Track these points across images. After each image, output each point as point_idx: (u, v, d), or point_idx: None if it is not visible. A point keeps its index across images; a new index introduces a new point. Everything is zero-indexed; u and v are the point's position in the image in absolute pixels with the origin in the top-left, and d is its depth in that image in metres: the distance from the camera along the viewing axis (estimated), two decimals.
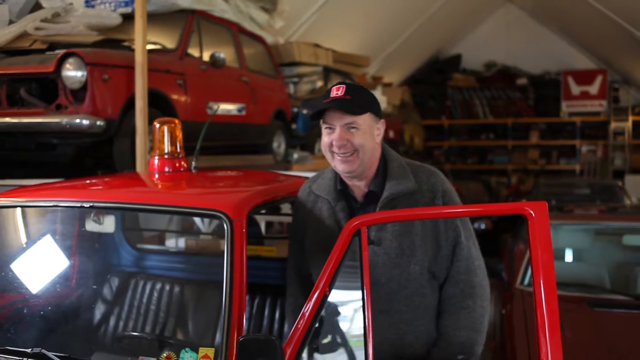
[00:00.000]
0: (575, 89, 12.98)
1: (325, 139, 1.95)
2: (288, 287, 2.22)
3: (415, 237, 1.91)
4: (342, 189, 2.02)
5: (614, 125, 12.82)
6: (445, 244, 1.93)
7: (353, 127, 1.90)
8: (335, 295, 1.72)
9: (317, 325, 1.69)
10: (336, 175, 2.03)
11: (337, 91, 1.91)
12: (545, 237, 1.71)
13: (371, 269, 1.87)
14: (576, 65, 13.19)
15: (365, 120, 1.91)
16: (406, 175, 1.96)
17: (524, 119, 13.34)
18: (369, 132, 1.93)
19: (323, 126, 1.96)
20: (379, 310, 1.88)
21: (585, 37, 12.50)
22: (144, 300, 2.74)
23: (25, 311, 2.42)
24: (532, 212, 1.71)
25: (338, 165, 1.95)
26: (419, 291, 1.92)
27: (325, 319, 1.75)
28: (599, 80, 12.88)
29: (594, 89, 12.87)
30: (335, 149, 1.92)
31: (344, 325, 1.83)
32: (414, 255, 1.90)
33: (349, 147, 1.91)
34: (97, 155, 3.91)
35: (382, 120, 1.99)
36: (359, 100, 1.90)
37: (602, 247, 4.63)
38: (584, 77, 12.95)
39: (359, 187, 2.01)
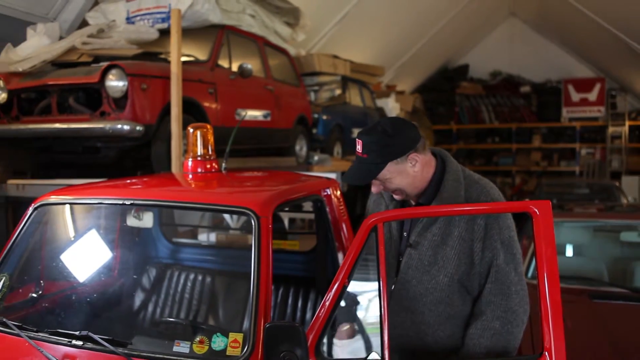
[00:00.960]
0: (575, 96, 12.79)
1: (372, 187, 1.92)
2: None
3: (450, 251, 1.82)
4: None
5: (611, 129, 12.62)
6: (480, 262, 1.81)
7: (381, 180, 1.86)
8: (353, 286, 1.72)
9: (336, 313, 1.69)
10: None
11: (358, 146, 1.84)
12: (549, 233, 1.68)
13: (404, 269, 1.87)
14: (576, 74, 13.00)
15: (388, 169, 1.82)
16: (457, 192, 1.86)
17: (527, 124, 13.20)
18: (399, 174, 1.83)
19: None
20: (404, 307, 1.85)
21: (585, 47, 12.31)
22: (179, 289, 2.75)
23: (73, 298, 2.45)
24: (536, 210, 1.68)
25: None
26: (445, 300, 1.83)
27: (344, 308, 1.74)
28: (597, 88, 12.67)
29: (592, 96, 12.68)
30: None
31: (361, 314, 1.82)
32: (445, 267, 1.82)
33: (389, 189, 1.89)
34: (136, 158, 3.95)
35: (413, 154, 1.82)
36: (375, 157, 1.80)
37: (600, 243, 4.55)
38: (584, 85, 12.76)
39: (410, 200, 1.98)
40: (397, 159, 1.81)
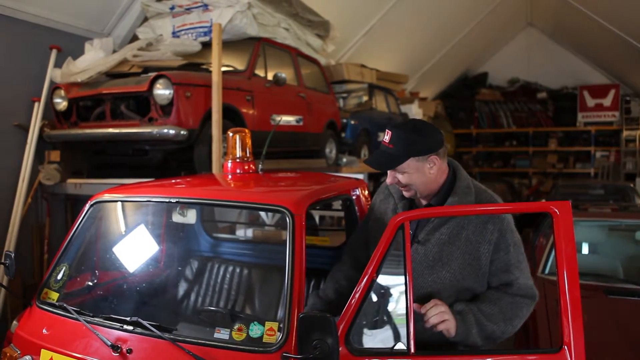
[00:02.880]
0: (591, 102, 12.43)
1: (387, 177, 1.91)
2: (343, 255, 2.20)
3: (456, 250, 1.80)
4: None
5: (625, 133, 12.19)
6: (491, 264, 1.81)
7: (399, 172, 1.85)
8: (381, 280, 1.70)
9: (366, 305, 1.67)
10: None
11: (385, 136, 1.85)
12: (568, 232, 1.63)
13: None
14: (591, 81, 12.63)
15: (409, 164, 1.81)
16: (468, 195, 1.85)
17: (543, 128, 12.88)
18: (417, 172, 1.83)
19: None
20: None
21: (600, 55, 11.95)
22: (219, 280, 2.77)
23: (124, 287, 2.49)
24: (557, 210, 1.64)
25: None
26: (444, 295, 1.80)
27: (373, 301, 1.72)
28: (612, 93, 12.28)
29: (607, 101, 12.29)
30: None
31: (389, 306, 1.79)
32: (448, 264, 1.80)
33: (401, 184, 1.87)
34: (180, 159, 3.98)
35: (434, 157, 1.83)
36: (399, 149, 1.80)
37: (616, 242, 4.41)
38: (599, 91, 12.38)
39: (419, 200, 1.95)
40: (418, 157, 1.81)
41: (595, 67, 12.63)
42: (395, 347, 1.64)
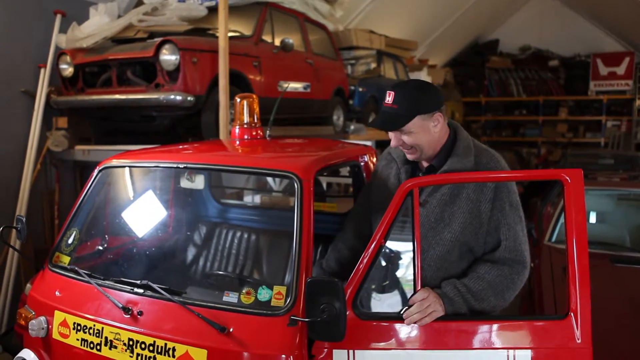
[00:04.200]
0: (604, 70, 12.15)
1: (390, 139, 1.89)
2: (345, 224, 2.20)
3: (457, 210, 1.77)
4: None
5: (638, 102, 11.96)
6: (488, 222, 1.77)
7: (404, 133, 1.82)
8: (389, 246, 1.70)
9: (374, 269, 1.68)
10: None
11: (388, 97, 1.82)
12: (579, 200, 1.62)
13: None
14: (605, 48, 12.31)
15: (414, 123, 1.79)
16: (468, 156, 1.83)
17: (554, 97, 12.66)
18: (422, 131, 1.81)
19: None
20: None
21: (615, 21, 11.62)
22: (227, 245, 2.79)
23: (134, 251, 2.52)
24: (568, 178, 1.62)
25: (405, 153, 1.90)
26: (445, 256, 1.78)
27: (381, 266, 1.73)
28: (626, 61, 11.98)
29: (621, 69, 12.00)
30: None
31: (396, 271, 1.80)
32: (450, 225, 1.77)
33: (406, 145, 1.85)
34: (187, 126, 3.98)
35: (438, 114, 1.82)
36: (404, 108, 1.78)
37: (623, 211, 4.39)
38: (612, 59, 12.08)
39: (422, 162, 1.93)
40: (424, 115, 1.79)
41: (610, 34, 12.30)
42: (401, 312, 1.66)
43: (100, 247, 2.43)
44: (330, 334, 1.58)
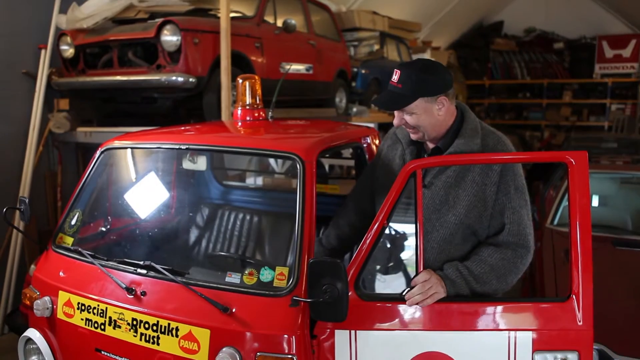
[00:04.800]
0: (609, 53, 12.00)
1: (394, 119, 1.87)
2: (346, 201, 2.19)
3: (462, 192, 1.75)
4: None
5: None
6: (493, 205, 1.75)
7: (407, 114, 1.80)
8: (392, 227, 1.70)
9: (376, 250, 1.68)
10: None
11: (394, 76, 1.80)
12: (583, 183, 1.61)
13: None
14: (611, 30, 12.14)
15: (417, 105, 1.77)
16: (474, 138, 1.80)
17: (558, 79, 12.54)
18: (425, 113, 1.78)
19: None
20: None
21: (621, 3, 11.44)
22: (229, 227, 2.80)
23: (137, 232, 2.53)
24: (573, 160, 1.61)
25: (409, 133, 1.88)
26: (449, 239, 1.77)
27: (383, 246, 1.73)
28: (632, 44, 11.82)
29: (627, 52, 11.86)
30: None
31: (399, 252, 1.81)
32: (455, 207, 1.75)
33: (409, 125, 1.83)
34: (189, 107, 3.96)
35: (442, 97, 1.78)
36: (408, 89, 1.75)
37: (626, 194, 4.38)
38: (618, 42, 11.92)
39: (427, 143, 1.91)
40: (427, 97, 1.77)
41: (617, 15, 12.13)
42: (403, 293, 1.66)
43: (103, 229, 2.44)
44: (332, 315, 1.59)
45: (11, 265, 4.10)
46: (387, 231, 1.69)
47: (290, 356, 1.64)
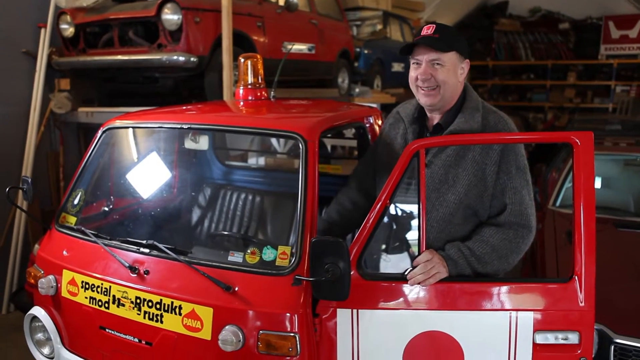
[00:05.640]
0: (615, 33, 11.83)
1: (412, 73, 1.83)
2: (349, 179, 2.19)
3: (462, 172, 1.75)
4: (418, 117, 1.93)
5: None
6: (494, 185, 1.75)
7: (438, 64, 1.77)
8: (394, 207, 1.69)
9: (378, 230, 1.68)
10: (418, 104, 1.91)
11: (427, 30, 1.79)
12: (589, 164, 1.60)
13: None
14: (618, 10, 11.94)
15: (450, 58, 1.77)
16: (475, 116, 1.80)
17: (563, 61, 12.40)
18: (453, 70, 1.78)
19: (411, 61, 1.83)
20: None
21: None
22: (231, 207, 2.80)
23: (139, 212, 2.53)
24: (578, 141, 1.59)
25: (421, 98, 1.83)
26: (448, 218, 1.76)
27: (386, 227, 1.73)
28: (639, 24, 11.68)
29: (634, 32, 11.68)
30: (420, 83, 1.80)
31: (401, 232, 1.81)
32: (454, 186, 1.75)
33: (433, 81, 1.79)
34: (191, 87, 3.93)
35: (467, 61, 1.82)
36: (446, 40, 1.76)
37: (629, 176, 4.37)
38: (625, 22, 11.74)
39: (432, 119, 1.89)
40: (459, 55, 1.80)
41: None
42: (405, 273, 1.67)
43: (106, 208, 2.44)
44: (334, 294, 1.60)
45: (15, 244, 4.13)
46: (389, 211, 1.69)
47: (292, 334, 1.66)
